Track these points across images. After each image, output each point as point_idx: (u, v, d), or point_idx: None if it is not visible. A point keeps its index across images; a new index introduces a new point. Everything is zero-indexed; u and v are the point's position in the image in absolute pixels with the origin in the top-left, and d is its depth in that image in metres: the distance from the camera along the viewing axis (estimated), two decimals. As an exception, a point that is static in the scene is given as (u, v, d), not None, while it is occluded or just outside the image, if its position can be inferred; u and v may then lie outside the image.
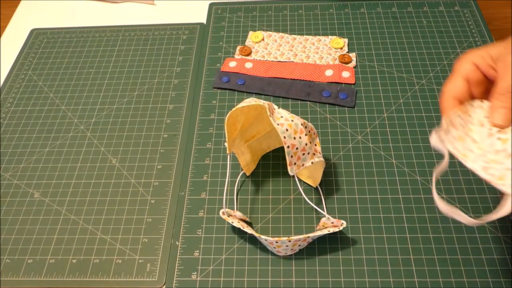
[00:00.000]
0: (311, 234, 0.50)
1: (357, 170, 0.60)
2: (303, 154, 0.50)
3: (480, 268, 0.51)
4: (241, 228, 0.52)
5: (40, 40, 0.81)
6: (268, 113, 0.48)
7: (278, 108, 0.51)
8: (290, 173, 0.49)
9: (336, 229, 0.50)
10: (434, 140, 0.39)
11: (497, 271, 0.51)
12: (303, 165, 0.50)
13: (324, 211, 0.56)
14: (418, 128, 0.63)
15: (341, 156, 0.61)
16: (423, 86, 0.68)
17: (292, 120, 0.49)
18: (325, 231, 0.51)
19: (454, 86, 0.42)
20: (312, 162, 0.51)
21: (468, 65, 0.41)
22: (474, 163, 0.37)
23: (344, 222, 0.51)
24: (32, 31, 0.83)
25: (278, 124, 0.48)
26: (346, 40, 0.75)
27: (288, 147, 0.48)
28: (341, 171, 0.60)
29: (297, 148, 0.49)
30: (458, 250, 0.52)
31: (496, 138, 0.39)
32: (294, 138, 0.49)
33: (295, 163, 0.49)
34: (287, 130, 0.48)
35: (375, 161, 0.60)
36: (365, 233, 0.54)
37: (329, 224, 0.52)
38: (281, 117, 0.49)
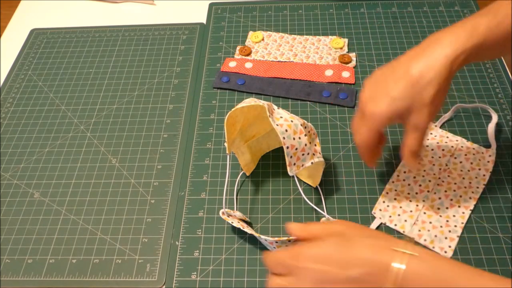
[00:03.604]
0: None
1: (357, 170, 0.60)
2: (303, 154, 0.50)
3: (480, 268, 0.51)
4: (241, 228, 0.52)
5: (40, 40, 0.81)
6: (268, 114, 0.48)
7: (278, 108, 0.51)
8: (290, 174, 0.49)
9: None
10: None
11: (497, 271, 0.51)
12: (302, 165, 0.50)
13: (324, 211, 0.56)
14: (418, 128, 0.63)
15: (341, 156, 0.61)
16: (423, 86, 0.68)
17: (292, 121, 0.49)
18: None
19: (367, 141, 0.47)
20: (311, 163, 0.51)
21: (378, 126, 0.46)
22: None
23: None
24: (32, 31, 0.83)
25: (277, 125, 0.48)
26: (346, 40, 0.75)
27: (287, 147, 0.48)
28: (341, 171, 0.60)
29: (296, 149, 0.49)
30: (458, 250, 0.52)
31: None
32: (294, 138, 0.48)
33: (294, 164, 0.49)
34: (286, 130, 0.48)
35: (375, 161, 0.60)
36: (365, 233, 0.54)
37: None
38: (281, 117, 0.49)
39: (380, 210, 0.56)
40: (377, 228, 0.54)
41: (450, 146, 0.60)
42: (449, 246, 0.52)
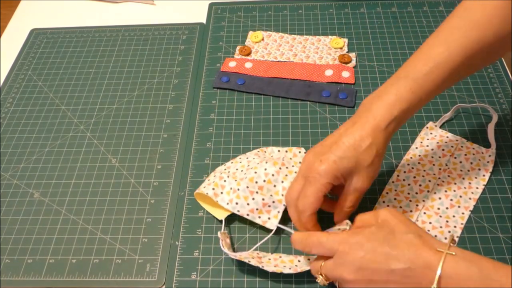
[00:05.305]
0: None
1: (357, 170, 0.60)
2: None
3: (480, 268, 0.51)
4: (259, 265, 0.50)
5: (40, 40, 0.82)
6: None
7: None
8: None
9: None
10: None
11: (497, 271, 0.51)
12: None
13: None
14: (418, 128, 0.63)
15: (341, 156, 0.61)
16: (423, 86, 0.68)
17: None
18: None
19: (314, 205, 0.47)
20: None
21: (325, 187, 0.46)
22: None
23: (349, 222, 0.48)
24: (32, 31, 0.83)
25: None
26: (346, 40, 0.75)
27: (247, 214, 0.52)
28: (341, 171, 0.60)
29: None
30: (458, 250, 0.52)
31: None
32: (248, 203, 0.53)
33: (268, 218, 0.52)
34: (236, 203, 0.53)
35: (375, 161, 0.60)
36: (364, 233, 0.54)
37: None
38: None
39: None
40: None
41: (450, 146, 0.60)
42: None
